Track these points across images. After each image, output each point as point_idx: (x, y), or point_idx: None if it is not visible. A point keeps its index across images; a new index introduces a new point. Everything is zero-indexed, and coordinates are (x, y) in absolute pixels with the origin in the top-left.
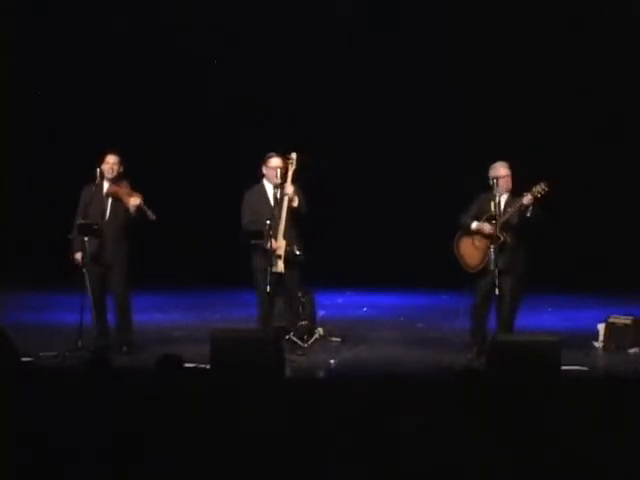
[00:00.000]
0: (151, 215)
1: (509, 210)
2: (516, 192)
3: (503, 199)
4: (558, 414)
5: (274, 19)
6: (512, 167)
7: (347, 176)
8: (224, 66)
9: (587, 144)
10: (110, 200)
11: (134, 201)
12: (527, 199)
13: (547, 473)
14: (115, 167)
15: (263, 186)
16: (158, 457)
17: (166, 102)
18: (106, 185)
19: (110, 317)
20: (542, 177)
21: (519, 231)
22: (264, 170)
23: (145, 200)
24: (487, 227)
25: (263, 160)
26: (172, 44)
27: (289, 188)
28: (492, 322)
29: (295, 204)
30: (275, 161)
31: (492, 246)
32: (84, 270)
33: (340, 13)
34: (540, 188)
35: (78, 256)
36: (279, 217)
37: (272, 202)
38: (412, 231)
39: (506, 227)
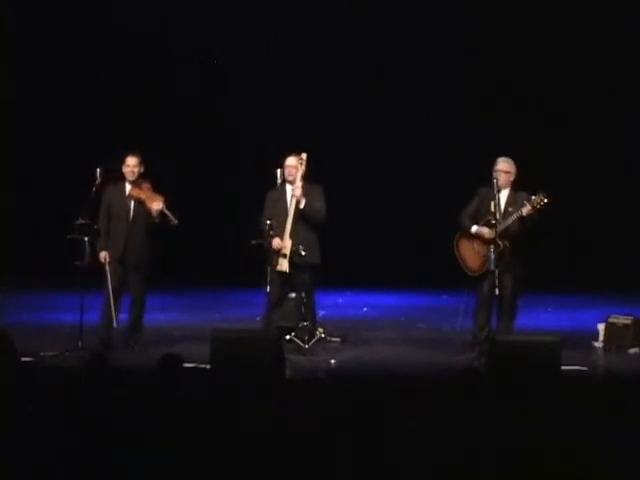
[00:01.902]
0: (173, 220)
1: (509, 210)
2: (518, 188)
3: (503, 196)
4: (558, 414)
5: (281, 21)
6: (516, 164)
7: (347, 176)
8: (227, 67)
9: (588, 143)
10: (132, 203)
11: (156, 206)
12: (526, 210)
13: (547, 473)
14: (135, 169)
15: (284, 186)
16: (158, 457)
17: (165, 102)
18: (128, 187)
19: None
20: (542, 176)
21: (518, 237)
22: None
23: (167, 202)
24: (486, 231)
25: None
26: (185, 45)
27: (297, 189)
28: (493, 322)
29: (302, 205)
30: (288, 160)
31: (492, 248)
32: (106, 268)
33: (343, 14)
34: (539, 199)
35: (103, 255)
36: (287, 216)
37: (288, 202)
38: (412, 231)
39: (505, 234)
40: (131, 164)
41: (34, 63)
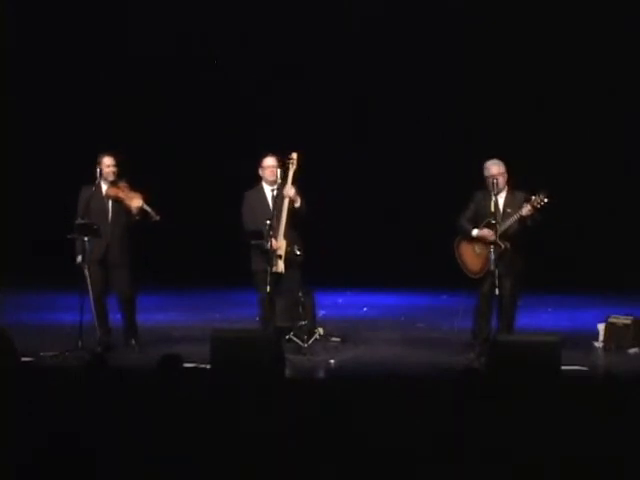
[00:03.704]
0: (154, 216)
1: (508, 211)
2: (515, 187)
3: (501, 198)
4: (558, 414)
5: (282, 20)
6: (508, 164)
7: (347, 176)
8: (225, 66)
9: (588, 143)
10: (110, 202)
11: (136, 203)
12: (526, 210)
13: (547, 473)
14: (112, 169)
15: (262, 187)
16: (158, 457)
17: (165, 102)
18: (105, 187)
19: (112, 317)
20: (542, 176)
21: (518, 237)
22: (260, 171)
23: (146, 199)
24: (488, 233)
25: (259, 161)
26: (175, 44)
27: (290, 190)
28: (493, 322)
29: (297, 205)
30: (268, 161)
31: (492, 248)
32: (85, 271)
33: (343, 13)
34: (540, 199)
35: (79, 258)
36: (279, 217)
37: (270, 202)
38: (412, 231)
39: (505, 235)
40: (107, 163)
41: (34, 63)
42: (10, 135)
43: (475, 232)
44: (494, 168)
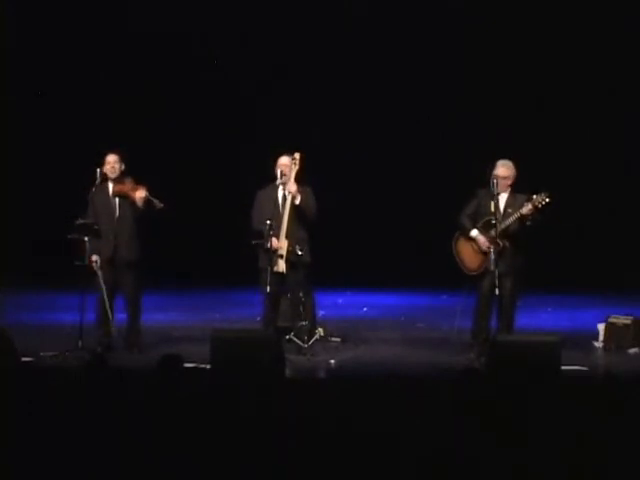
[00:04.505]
0: (158, 204)
1: (509, 211)
2: (517, 190)
3: (502, 198)
4: (558, 414)
5: (282, 20)
6: (516, 165)
7: (347, 176)
8: (225, 66)
9: (588, 143)
10: (117, 200)
11: (140, 194)
12: (527, 209)
13: (547, 473)
14: (116, 166)
15: (275, 186)
16: (158, 457)
17: (165, 102)
18: (111, 186)
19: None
20: (542, 176)
21: (518, 236)
22: (276, 170)
23: (151, 191)
24: (483, 241)
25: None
26: (178, 43)
27: (292, 186)
28: (493, 322)
29: (297, 202)
30: (281, 159)
31: (492, 248)
32: (97, 271)
33: (343, 13)
34: (541, 199)
35: (95, 258)
36: (282, 216)
37: (280, 201)
38: (412, 231)
39: (505, 234)
40: (111, 161)
41: (34, 63)
42: (10, 135)
43: (474, 233)
44: (500, 169)
